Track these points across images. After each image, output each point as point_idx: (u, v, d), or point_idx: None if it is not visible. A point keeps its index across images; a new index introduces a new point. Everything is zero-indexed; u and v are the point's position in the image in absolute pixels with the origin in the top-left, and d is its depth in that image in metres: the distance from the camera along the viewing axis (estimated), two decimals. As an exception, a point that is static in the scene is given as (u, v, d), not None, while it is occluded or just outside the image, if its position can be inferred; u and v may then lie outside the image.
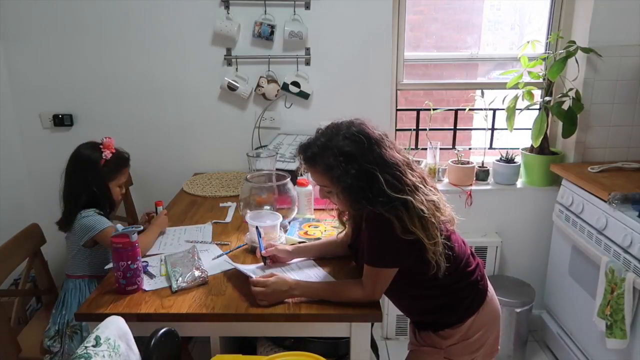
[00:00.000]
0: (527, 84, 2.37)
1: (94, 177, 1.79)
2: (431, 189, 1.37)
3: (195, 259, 1.54)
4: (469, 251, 1.48)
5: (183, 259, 1.54)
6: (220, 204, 2.12)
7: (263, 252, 1.52)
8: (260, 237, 1.55)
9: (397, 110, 2.58)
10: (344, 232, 1.59)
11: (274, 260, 1.56)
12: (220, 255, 1.63)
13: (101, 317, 1.12)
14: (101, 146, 1.82)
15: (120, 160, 1.87)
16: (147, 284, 1.46)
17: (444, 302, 1.41)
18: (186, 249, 1.63)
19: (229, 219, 1.97)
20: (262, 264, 1.55)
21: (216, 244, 1.74)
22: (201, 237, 1.79)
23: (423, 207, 1.27)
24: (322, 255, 1.62)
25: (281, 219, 1.67)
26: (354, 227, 1.52)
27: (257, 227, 1.57)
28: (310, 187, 1.91)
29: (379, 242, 1.31)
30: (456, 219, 1.42)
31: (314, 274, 1.52)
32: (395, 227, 1.25)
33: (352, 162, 1.28)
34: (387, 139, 1.36)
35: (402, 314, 2.50)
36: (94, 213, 1.77)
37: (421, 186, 1.33)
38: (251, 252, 1.66)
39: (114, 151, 1.84)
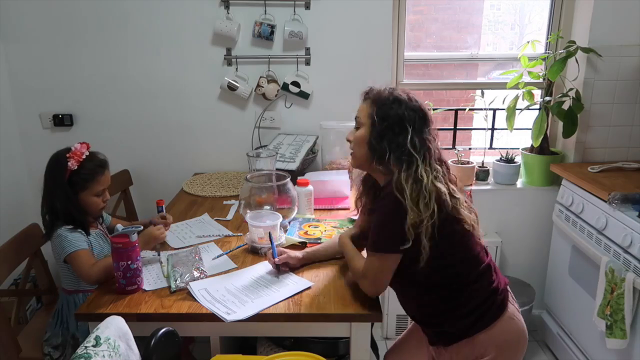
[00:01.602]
0: (527, 84, 2.37)
1: (58, 190, 1.62)
2: (454, 188, 1.34)
3: (197, 259, 1.54)
4: (490, 262, 1.40)
5: (185, 259, 1.54)
6: (224, 202, 2.14)
7: (277, 259, 1.50)
8: (274, 244, 1.54)
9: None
10: (358, 226, 1.58)
11: (284, 266, 1.54)
12: (220, 255, 1.63)
13: (101, 317, 1.12)
14: (67, 155, 1.63)
15: (93, 167, 1.66)
16: (148, 284, 1.46)
17: (452, 308, 1.35)
18: (190, 249, 1.64)
19: (230, 216, 1.98)
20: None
21: (228, 235, 1.78)
22: (216, 230, 1.83)
23: (424, 176, 1.27)
24: (331, 257, 1.61)
25: (281, 219, 1.67)
26: (368, 214, 1.50)
27: (269, 234, 1.55)
28: (310, 187, 1.91)
29: (382, 227, 1.30)
30: (478, 227, 1.38)
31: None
32: (400, 208, 1.24)
33: (399, 105, 1.33)
34: (432, 126, 1.38)
35: (402, 313, 2.52)
36: (67, 232, 1.61)
37: (437, 173, 1.32)
38: (251, 252, 1.66)
39: (82, 159, 1.64)
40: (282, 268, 1.52)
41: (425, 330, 1.47)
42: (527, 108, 2.41)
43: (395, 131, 1.32)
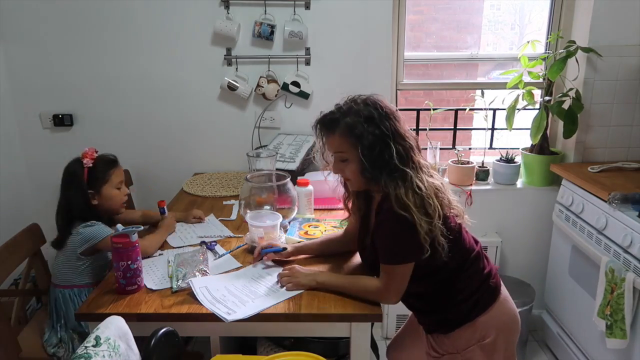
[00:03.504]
0: (527, 84, 2.37)
1: (80, 188, 1.73)
2: (435, 174, 1.38)
3: (201, 259, 1.54)
4: (480, 250, 1.46)
5: (190, 259, 1.54)
6: (224, 202, 2.14)
7: (262, 256, 1.56)
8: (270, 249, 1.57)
9: (397, 109, 2.57)
10: (348, 224, 1.60)
11: (270, 258, 1.57)
12: (222, 255, 1.63)
13: (101, 317, 1.12)
14: (80, 158, 1.77)
15: (105, 163, 1.79)
16: (153, 283, 1.46)
17: (451, 295, 1.39)
18: (195, 249, 1.64)
19: (233, 216, 1.98)
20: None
21: (229, 236, 1.78)
22: (218, 231, 1.83)
23: (421, 185, 1.29)
24: (322, 253, 1.62)
25: (281, 219, 1.67)
26: (361, 217, 1.52)
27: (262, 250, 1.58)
28: (310, 187, 1.91)
29: (393, 239, 1.31)
30: (465, 214, 1.42)
31: None
32: (407, 221, 1.25)
33: (372, 125, 1.32)
34: (399, 115, 1.39)
35: (402, 313, 2.53)
36: (92, 223, 1.72)
37: (425, 169, 1.36)
38: (251, 252, 1.66)
39: (94, 158, 1.76)
40: (265, 258, 1.57)
41: (425, 319, 1.49)
42: (525, 108, 2.41)
43: (383, 153, 1.31)
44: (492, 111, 2.56)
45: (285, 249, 1.57)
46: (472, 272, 1.41)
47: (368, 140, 1.31)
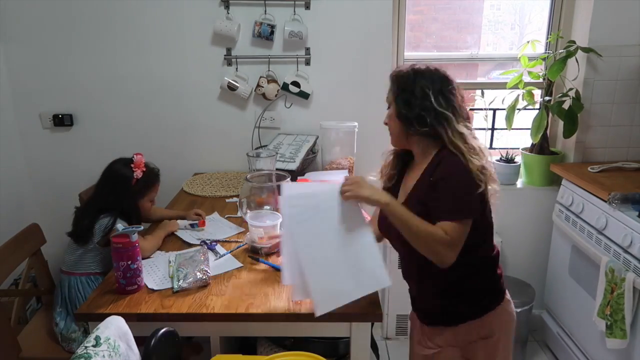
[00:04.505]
0: (527, 83, 2.37)
1: (125, 195, 1.81)
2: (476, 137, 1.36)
3: (202, 259, 1.54)
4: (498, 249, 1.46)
5: (191, 260, 1.54)
6: (227, 200, 2.16)
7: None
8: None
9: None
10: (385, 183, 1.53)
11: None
12: (222, 255, 1.63)
13: (101, 317, 1.13)
14: (132, 165, 1.84)
15: (151, 177, 1.90)
16: (154, 283, 1.46)
17: (470, 287, 1.37)
18: (196, 249, 1.64)
19: (240, 213, 1.98)
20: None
21: (232, 241, 1.78)
22: (219, 234, 1.83)
23: (464, 131, 1.30)
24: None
25: (281, 219, 1.67)
26: (390, 187, 1.49)
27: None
28: (310, 187, 1.91)
29: (456, 193, 1.28)
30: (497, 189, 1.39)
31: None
32: (467, 173, 1.25)
33: (420, 76, 1.33)
34: (456, 87, 1.37)
35: (402, 313, 2.52)
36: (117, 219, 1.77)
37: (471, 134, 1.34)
38: (251, 252, 1.66)
39: (144, 169, 1.85)
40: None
41: (433, 309, 1.44)
42: (525, 108, 2.41)
43: (418, 96, 1.31)
44: (492, 111, 2.56)
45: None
46: (492, 269, 1.41)
47: (406, 84, 1.33)
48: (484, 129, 2.58)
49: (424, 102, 1.31)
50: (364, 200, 1.28)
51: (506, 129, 2.44)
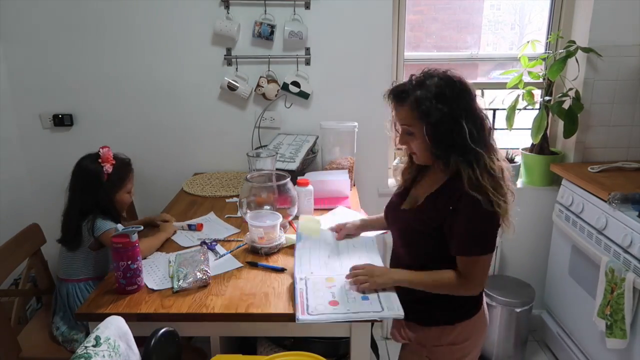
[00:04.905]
0: (527, 83, 2.38)
1: (99, 193, 1.77)
2: (502, 157, 1.34)
3: (202, 259, 1.54)
4: None
5: (191, 259, 1.54)
6: (227, 200, 2.15)
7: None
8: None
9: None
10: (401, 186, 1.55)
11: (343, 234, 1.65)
12: (222, 255, 1.63)
13: (101, 317, 1.12)
14: (100, 160, 1.78)
15: (122, 168, 1.85)
16: (154, 283, 1.46)
17: (453, 295, 1.37)
18: (196, 249, 1.64)
19: (240, 213, 1.98)
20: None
21: (231, 240, 1.77)
22: (216, 233, 1.82)
23: (494, 167, 1.27)
24: (385, 227, 1.65)
25: (281, 219, 1.67)
26: (406, 185, 1.51)
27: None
28: (310, 187, 1.91)
29: (475, 229, 1.28)
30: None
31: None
32: (488, 209, 1.25)
33: (442, 102, 1.26)
34: (475, 93, 1.34)
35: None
36: (103, 220, 1.76)
37: (496, 152, 1.32)
38: (251, 252, 1.66)
39: (114, 162, 1.80)
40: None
41: (412, 304, 1.40)
42: (525, 108, 2.41)
43: (451, 131, 1.26)
44: (492, 111, 2.56)
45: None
46: None
47: (434, 117, 1.26)
48: (484, 129, 2.57)
49: (458, 139, 1.26)
50: (379, 288, 1.35)
51: (506, 129, 2.44)
